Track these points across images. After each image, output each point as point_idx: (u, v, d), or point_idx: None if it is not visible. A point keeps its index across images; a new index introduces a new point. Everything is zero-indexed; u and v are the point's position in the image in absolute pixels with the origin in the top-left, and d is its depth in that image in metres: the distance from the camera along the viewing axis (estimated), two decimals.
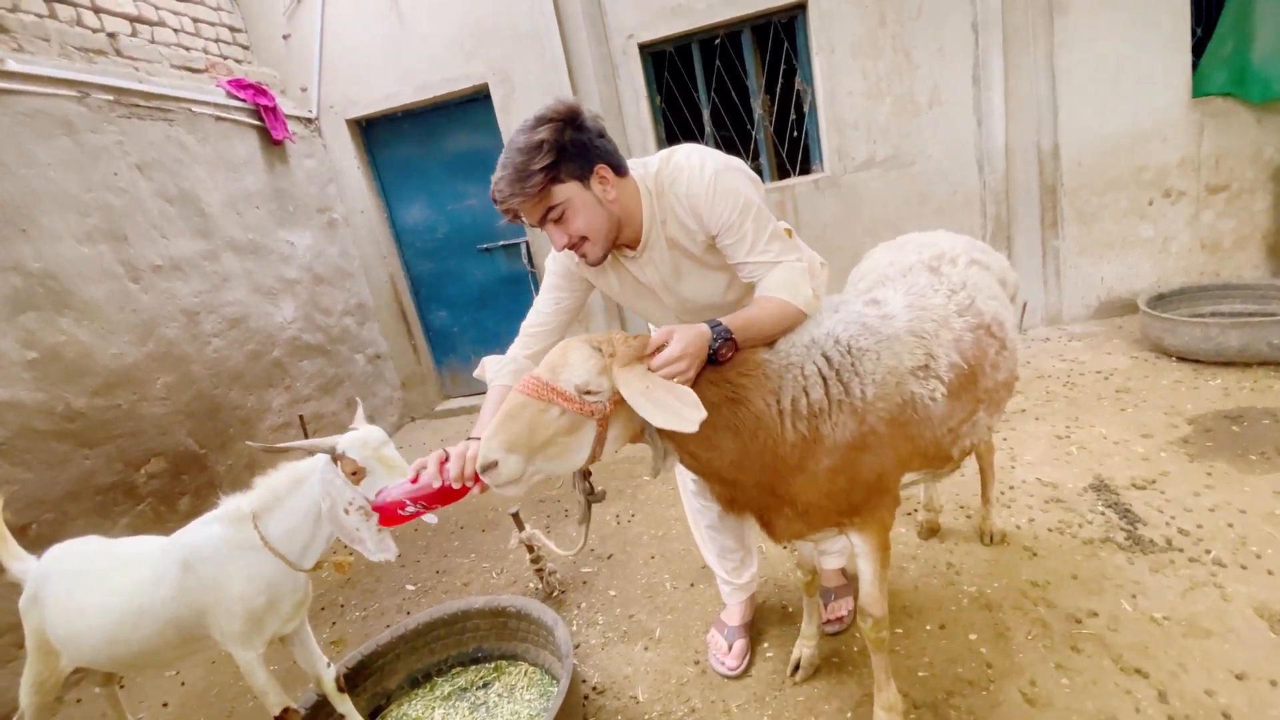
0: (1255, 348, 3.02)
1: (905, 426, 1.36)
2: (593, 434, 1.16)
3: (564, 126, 1.23)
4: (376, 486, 1.52)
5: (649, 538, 2.76)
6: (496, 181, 1.26)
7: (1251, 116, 3.81)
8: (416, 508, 1.36)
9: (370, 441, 1.56)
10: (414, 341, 5.06)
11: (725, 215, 1.33)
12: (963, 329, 1.45)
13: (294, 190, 4.19)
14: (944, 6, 3.91)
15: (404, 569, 2.93)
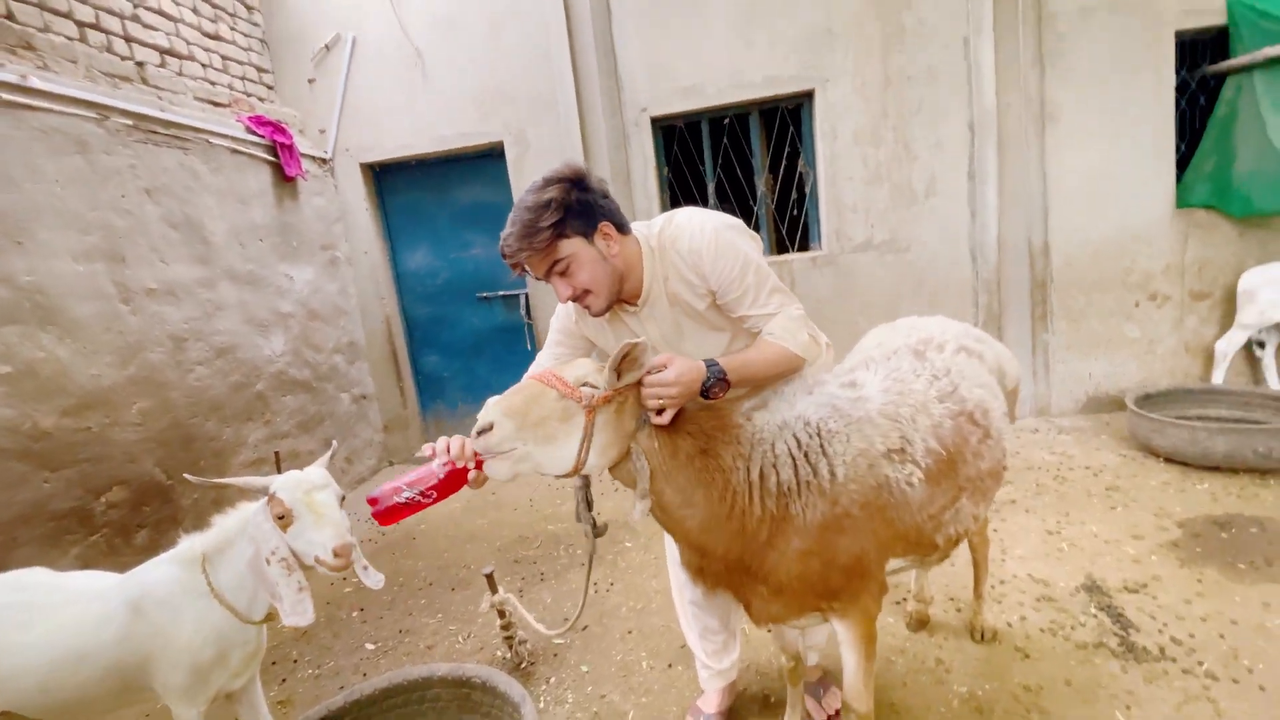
0: (1241, 454, 3.04)
1: (882, 510, 1.35)
2: (580, 429, 1.20)
3: (570, 187, 1.31)
4: (302, 537, 1.44)
5: (628, 610, 2.64)
6: (506, 237, 1.33)
7: (1233, 230, 3.97)
8: (413, 493, 1.24)
9: (304, 483, 1.48)
10: (402, 384, 5.00)
11: (726, 271, 1.38)
12: (942, 415, 1.45)
13: (300, 226, 4.23)
14: (943, 104, 4.12)
15: (365, 625, 2.78)
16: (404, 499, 1.24)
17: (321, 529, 1.44)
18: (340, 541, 1.44)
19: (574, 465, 1.21)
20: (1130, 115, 3.98)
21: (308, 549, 1.45)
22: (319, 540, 1.44)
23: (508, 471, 1.20)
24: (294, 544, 1.45)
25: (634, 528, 3.34)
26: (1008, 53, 3.97)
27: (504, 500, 3.99)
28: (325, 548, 1.44)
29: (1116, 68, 3.94)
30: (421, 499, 1.25)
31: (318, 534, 1.44)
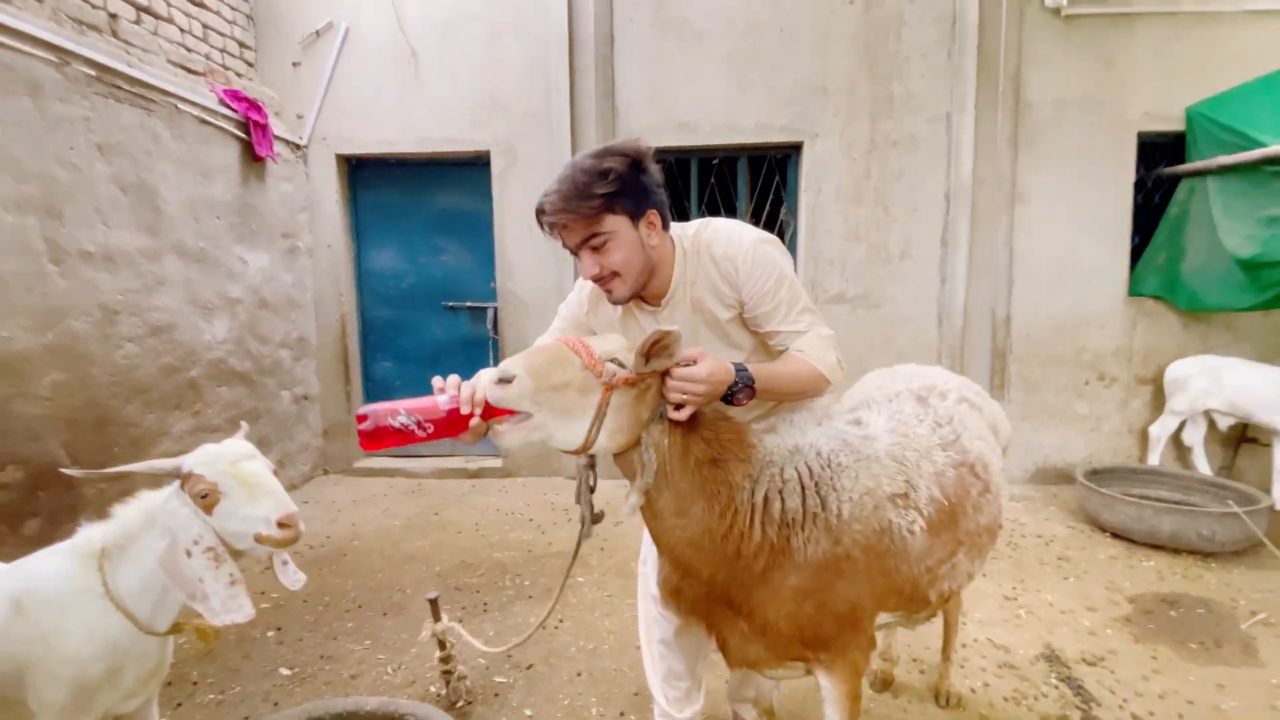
0: (1185, 535, 3.13)
1: (882, 558, 1.28)
2: (594, 405, 1.12)
3: (632, 164, 1.25)
4: (235, 515, 1.24)
5: (577, 650, 2.46)
6: (549, 195, 1.25)
7: (1178, 321, 4.22)
8: (410, 420, 1.08)
9: (226, 454, 1.28)
10: (349, 388, 4.71)
11: (761, 283, 1.34)
12: (945, 463, 1.41)
13: (263, 209, 3.98)
14: (923, 172, 4.28)
15: (281, 647, 2.49)
16: (399, 424, 1.07)
17: (258, 500, 1.25)
18: (285, 510, 1.26)
19: (582, 443, 1.13)
20: (1092, 204, 4.23)
21: (243, 528, 1.25)
22: (257, 513, 1.24)
23: (519, 440, 1.11)
24: (224, 526, 1.25)
25: (587, 563, 3.17)
26: (986, 132, 4.17)
27: (447, 522, 3.75)
28: (267, 520, 1.24)
29: (1083, 159, 4.19)
30: (418, 430, 1.08)
31: (254, 507, 1.24)
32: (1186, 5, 4.01)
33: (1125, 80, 4.12)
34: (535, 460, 4.58)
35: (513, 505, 4.03)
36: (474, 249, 4.63)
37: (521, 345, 4.49)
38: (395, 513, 3.91)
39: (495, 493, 4.28)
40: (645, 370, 1.15)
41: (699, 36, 4.21)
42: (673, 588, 1.29)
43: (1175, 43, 4.06)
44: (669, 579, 1.29)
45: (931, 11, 4.15)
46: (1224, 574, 2.97)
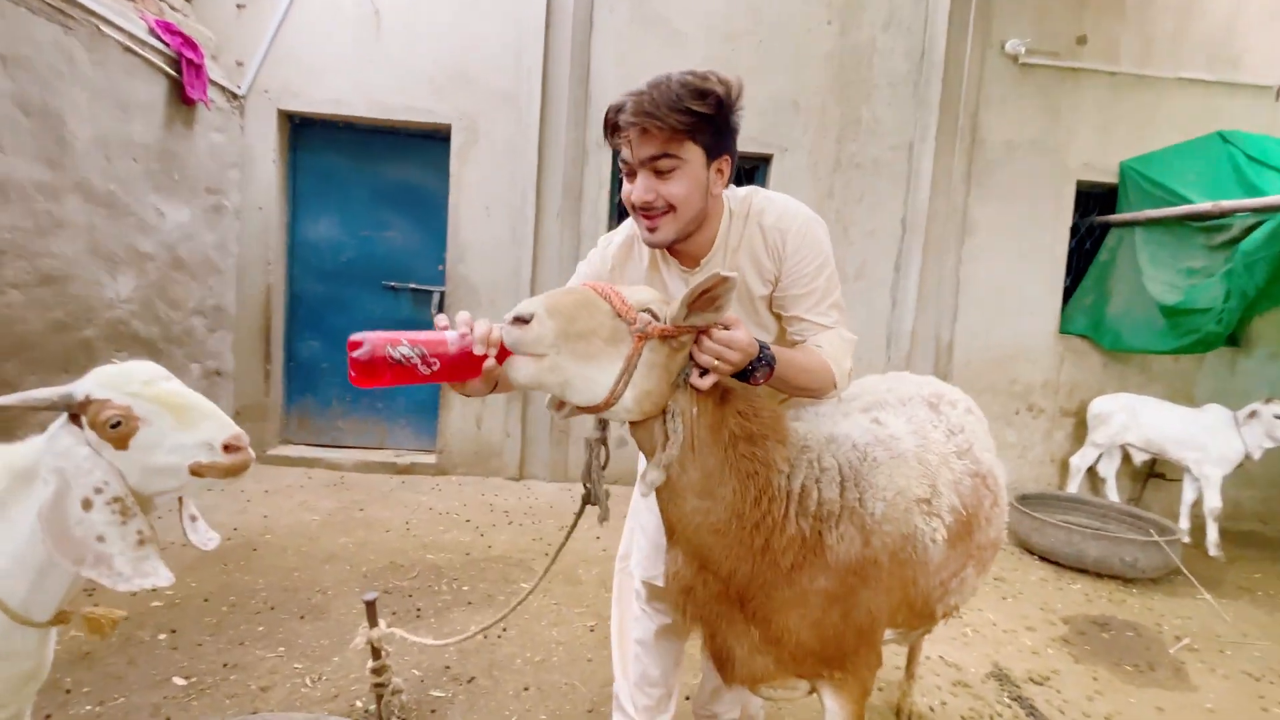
0: (1109, 561, 3.29)
1: (904, 566, 1.21)
2: (624, 357, 0.97)
3: (731, 100, 1.14)
4: (161, 446, 0.98)
5: (523, 662, 2.25)
6: (637, 95, 1.10)
7: (1100, 360, 4.51)
8: (413, 352, 0.89)
9: (136, 374, 1.01)
10: (269, 366, 4.28)
11: (805, 263, 1.26)
12: (962, 472, 1.36)
13: (188, 158, 3.56)
14: (882, 198, 4.38)
15: (175, 652, 2.15)
16: (399, 355, 0.88)
17: (193, 424, 0.99)
18: (230, 430, 1.02)
19: (606, 397, 0.97)
20: (1032, 243, 4.47)
21: (173, 459, 0.99)
22: (193, 439, 0.99)
23: (532, 376, 0.94)
24: (147, 461, 0.98)
25: (531, 568, 2.96)
26: (943, 164, 4.33)
27: (373, 519, 3.43)
28: (209, 445, 0.99)
29: (1027, 200, 4.43)
30: (421, 366, 0.90)
31: (188, 433, 0.99)
32: (1126, 67, 4.33)
33: (1069, 130, 4.40)
34: (473, 459, 4.31)
35: (447, 505, 3.75)
36: (423, 227, 4.33)
37: None
38: (314, 506, 3.55)
39: (427, 490, 3.98)
40: (685, 324, 1.00)
41: (677, 36, 4.15)
42: (684, 585, 1.14)
43: (1115, 101, 4.37)
44: (681, 574, 1.14)
45: (903, 43, 4.28)
46: (1145, 599, 3.13)
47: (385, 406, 4.46)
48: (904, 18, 4.26)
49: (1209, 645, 2.71)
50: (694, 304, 0.99)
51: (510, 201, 4.14)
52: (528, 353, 0.92)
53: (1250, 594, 3.31)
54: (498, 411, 4.28)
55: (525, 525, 3.49)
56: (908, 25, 4.26)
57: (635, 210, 1.20)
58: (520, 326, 0.91)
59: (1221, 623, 2.93)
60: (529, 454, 4.30)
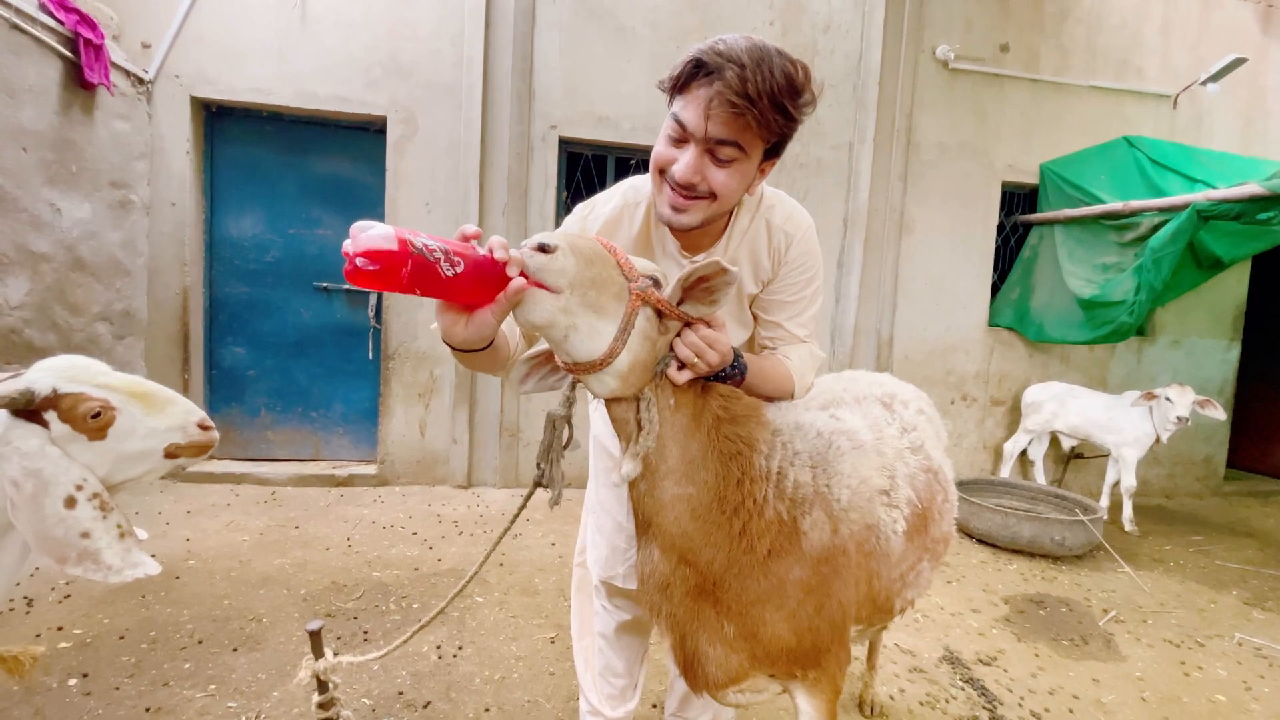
0: (1041, 541, 3.48)
1: (869, 558, 1.23)
2: (621, 315, 0.90)
3: (814, 104, 1.03)
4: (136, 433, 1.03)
5: (481, 681, 2.16)
6: (736, 64, 0.95)
7: (1025, 350, 4.78)
8: (437, 247, 0.75)
9: (88, 366, 1.04)
10: (188, 377, 3.96)
11: (801, 271, 1.24)
12: (916, 467, 1.40)
13: (87, 149, 3.22)
14: (825, 195, 4.48)
15: (89, 698, 1.93)
16: (420, 245, 0.74)
17: (163, 408, 1.05)
18: (200, 413, 1.11)
19: (605, 351, 0.90)
20: (963, 240, 4.68)
21: (149, 444, 1.04)
22: (167, 423, 1.05)
23: (550, 313, 0.84)
24: (124, 449, 1.01)
25: (485, 580, 2.85)
26: (881, 164, 4.47)
27: (311, 537, 3.22)
28: (183, 427, 1.06)
29: (958, 199, 4.63)
30: (445, 264, 0.76)
31: (161, 417, 1.04)
32: (1045, 75, 4.59)
33: (994, 133, 4.63)
34: (417, 468, 4.13)
35: (391, 518, 3.57)
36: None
37: (410, 336, 4.05)
38: (243, 526, 3.30)
39: (369, 503, 3.78)
40: (674, 308, 0.95)
41: (623, 32, 4.10)
42: (662, 580, 1.09)
43: (1035, 106, 4.63)
44: (659, 570, 1.09)
45: (841, 45, 4.38)
46: (1074, 575, 3.33)
47: (320, 415, 4.21)
48: (842, 21, 4.36)
49: (1133, 616, 2.91)
50: (689, 289, 0.94)
51: (452, 198, 3.98)
52: (547, 284, 0.84)
53: (1163, 565, 3.58)
54: (443, 417, 4.11)
55: (476, 535, 3.36)
56: (846, 29, 4.37)
57: (668, 183, 1.08)
58: (545, 255, 0.83)
59: (1141, 594, 3.15)
60: (477, 460, 4.15)
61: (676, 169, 1.04)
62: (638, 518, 1.10)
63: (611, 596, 1.54)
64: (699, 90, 0.99)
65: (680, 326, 0.98)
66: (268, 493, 3.81)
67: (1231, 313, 5.17)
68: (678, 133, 1.04)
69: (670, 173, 1.06)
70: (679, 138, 1.05)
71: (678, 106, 1.04)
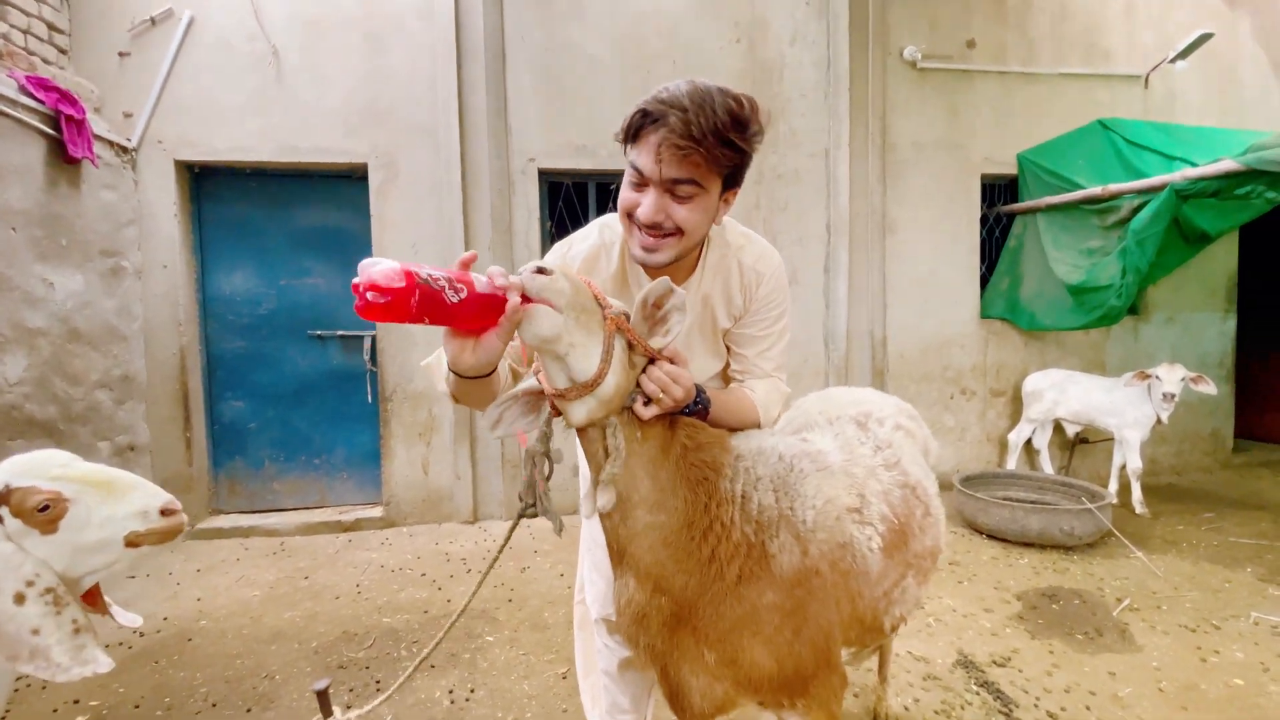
0: (1050, 532, 3.47)
1: (846, 577, 1.23)
2: (604, 338, 0.96)
3: (762, 133, 1.10)
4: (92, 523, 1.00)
5: None
6: (680, 109, 1.01)
7: (1020, 340, 4.78)
8: (441, 276, 0.79)
9: (51, 459, 1.04)
10: (190, 434, 3.99)
11: (770, 308, 1.32)
12: (890, 483, 1.40)
13: (76, 222, 3.29)
14: (806, 205, 4.52)
15: None
16: (425, 275, 0.77)
17: (122, 495, 1.02)
18: (164, 497, 1.06)
19: (597, 371, 0.95)
20: (948, 235, 4.70)
21: (107, 534, 1.01)
22: (127, 510, 1.02)
23: (555, 326, 0.90)
24: (79, 540, 0.98)
25: (495, 618, 2.86)
26: (859, 168, 4.50)
27: (320, 587, 3.23)
28: (144, 512, 1.02)
29: (939, 195, 4.66)
30: (449, 291, 0.80)
31: (120, 504, 1.01)
32: (1014, 66, 4.64)
33: (968, 127, 4.66)
34: (423, 506, 4.14)
35: (400, 560, 3.58)
36: (347, 270, 4.16)
37: (406, 377, 4.09)
38: (254, 580, 3.32)
39: (377, 546, 3.80)
40: (643, 341, 1.01)
41: (593, 62, 4.17)
42: (639, 611, 1.12)
43: (1006, 98, 4.67)
44: (634, 600, 1.12)
45: (809, 56, 4.43)
46: (1086, 565, 3.31)
47: (323, 461, 4.24)
48: (808, 32, 4.42)
49: (1146, 603, 2.88)
50: (647, 316, 1.02)
51: (437, 237, 4.03)
52: (549, 301, 0.89)
53: (1176, 546, 3.55)
54: (445, 454, 4.13)
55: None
56: (812, 39, 4.42)
57: (636, 225, 1.14)
58: (544, 275, 0.89)
59: (1155, 579, 3.13)
60: (482, 494, 4.17)
61: (641, 212, 1.11)
62: (612, 549, 1.13)
63: (612, 633, 1.55)
64: (649, 137, 1.06)
65: (645, 363, 1.03)
66: (277, 543, 3.83)
67: (1224, 284, 5.17)
68: (637, 178, 1.11)
69: (636, 215, 1.13)
70: (639, 182, 1.12)
71: (633, 155, 1.11)
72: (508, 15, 4.04)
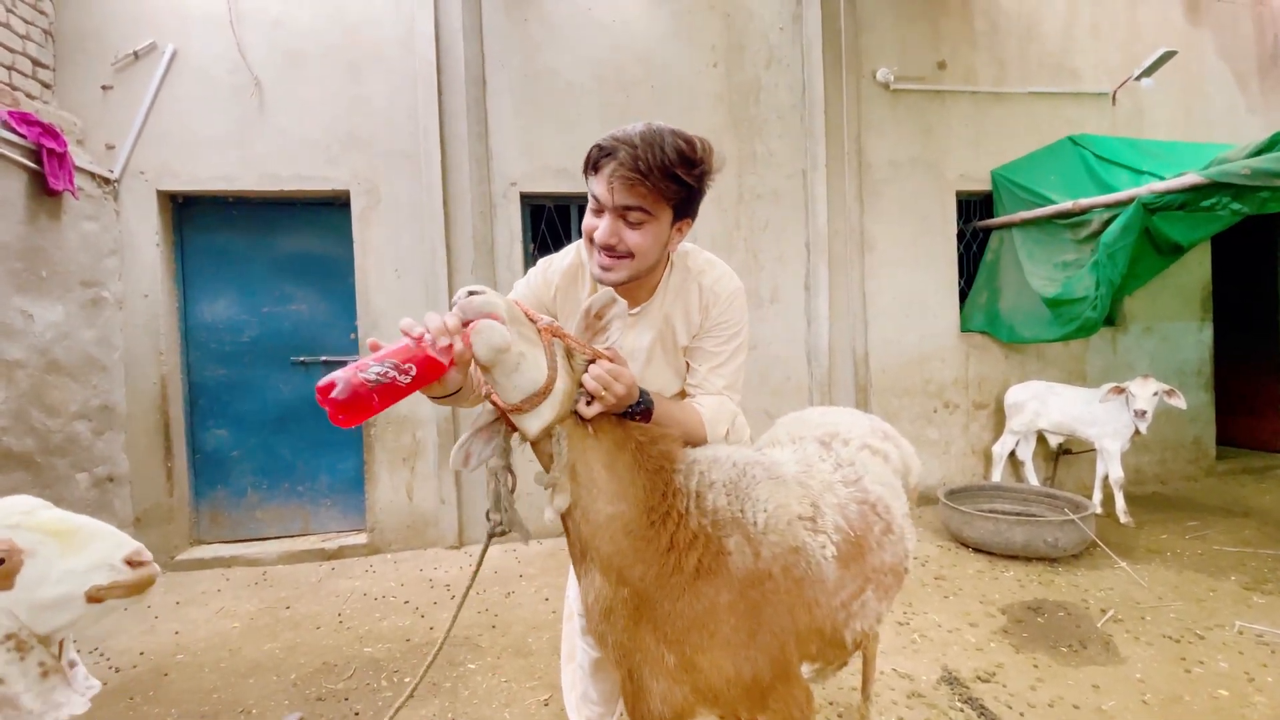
0: (1034, 544, 3.47)
1: (800, 584, 1.25)
2: (544, 350, 1.04)
3: (711, 171, 1.24)
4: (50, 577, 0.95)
5: None
6: (629, 145, 1.15)
7: (1000, 352, 4.83)
8: (383, 369, 0.87)
9: (17, 505, 0.99)
10: (171, 463, 3.96)
11: (725, 327, 1.39)
12: (847, 498, 1.43)
13: (56, 253, 3.29)
14: (784, 223, 4.58)
15: None
16: (374, 376, 0.86)
17: (84, 546, 0.98)
18: (129, 545, 1.02)
19: (548, 378, 1.03)
20: (925, 252, 4.77)
21: (67, 589, 0.96)
22: (88, 562, 0.97)
23: (505, 333, 0.96)
24: (36, 597, 0.94)
25: (478, 645, 2.83)
26: (836, 187, 4.58)
27: (301, 617, 3.19)
28: (109, 564, 0.98)
29: (915, 212, 4.74)
30: (399, 376, 0.88)
31: (81, 556, 0.97)
32: (984, 86, 4.76)
33: (942, 146, 4.76)
34: (408, 532, 4.11)
35: (383, 587, 3.54)
36: (330, 296, 4.18)
37: None
38: (233, 612, 3.27)
39: (360, 574, 3.75)
40: (580, 341, 1.10)
41: (572, 87, 4.24)
42: (606, 605, 1.17)
43: (978, 116, 4.78)
44: (601, 594, 1.17)
45: (784, 79, 4.53)
46: (1070, 576, 3.31)
47: (307, 488, 4.21)
48: (783, 56, 4.52)
49: (1131, 614, 2.89)
50: (589, 325, 1.13)
51: (420, 261, 4.05)
52: (493, 314, 0.97)
53: (1160, 555, 3.56)
54: (429, 479, 4.11)
55: (469, 598, 3.33)
56: (787, 62, 4.53)
57: (595, 246, 1.26)
58: (479, 295, 0.98)
59: (1139, 589, 3.14)
60: (467, 518, 4.14)
61: (598, 234, 1.25)
62: (575, 549, 1.19)
63: (586, 633, 1.62)
64: (604, 169, 1.20)
65: (586, 363, 1.11)
66: (259, 573, 3.78)
67: (1199, 294, 5.26)
68: (595, 204, 1.25)
69: (595, 237, 1.26)
70: (597, 209, 1.25)
71: (592, 184, 1.25)
72: (487, 43, 4.12)
